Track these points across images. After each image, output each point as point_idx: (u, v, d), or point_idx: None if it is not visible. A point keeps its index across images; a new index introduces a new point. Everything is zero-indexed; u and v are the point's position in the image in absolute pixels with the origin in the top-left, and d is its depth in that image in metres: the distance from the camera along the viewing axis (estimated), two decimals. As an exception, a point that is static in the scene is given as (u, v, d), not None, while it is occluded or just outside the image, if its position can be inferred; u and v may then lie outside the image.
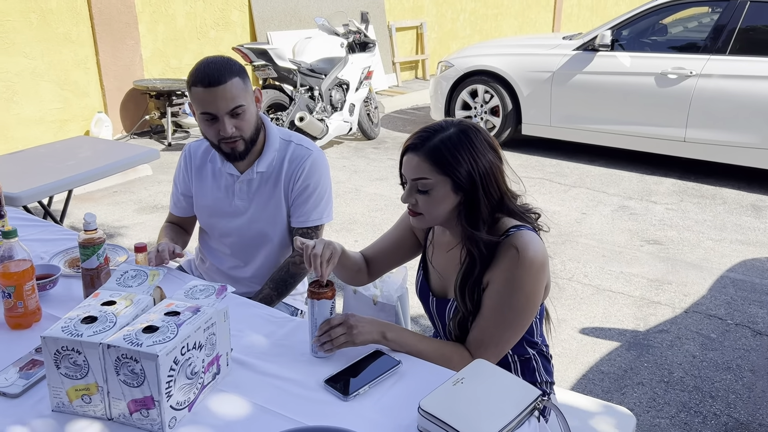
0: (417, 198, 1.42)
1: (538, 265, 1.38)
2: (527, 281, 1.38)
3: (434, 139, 1.38)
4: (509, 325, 1.41)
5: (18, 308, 1.48)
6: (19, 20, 5.05)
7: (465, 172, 1.37)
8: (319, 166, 1.91)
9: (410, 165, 1.40)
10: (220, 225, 1.98)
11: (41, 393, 1.26)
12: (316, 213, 1.91)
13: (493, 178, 1.40)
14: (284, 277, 1.90)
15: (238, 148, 1.78)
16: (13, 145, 5.11)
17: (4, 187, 2.52)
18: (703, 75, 4.98)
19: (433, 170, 1.37)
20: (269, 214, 1.92)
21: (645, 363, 2.74)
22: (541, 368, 1.57)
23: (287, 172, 1.88)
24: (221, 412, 1.23)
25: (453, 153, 1.36)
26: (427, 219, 1.44)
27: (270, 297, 1.88)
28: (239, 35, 6.85)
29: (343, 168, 5.47)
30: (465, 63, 6.06)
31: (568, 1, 12.50)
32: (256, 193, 1.91)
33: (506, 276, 1.38)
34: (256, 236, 1.95)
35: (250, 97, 1.77)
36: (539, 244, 1.40)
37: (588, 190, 4.97)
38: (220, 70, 1.69)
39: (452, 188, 1.38)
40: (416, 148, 1.39)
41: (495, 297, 1.40)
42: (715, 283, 3.47)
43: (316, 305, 1.38)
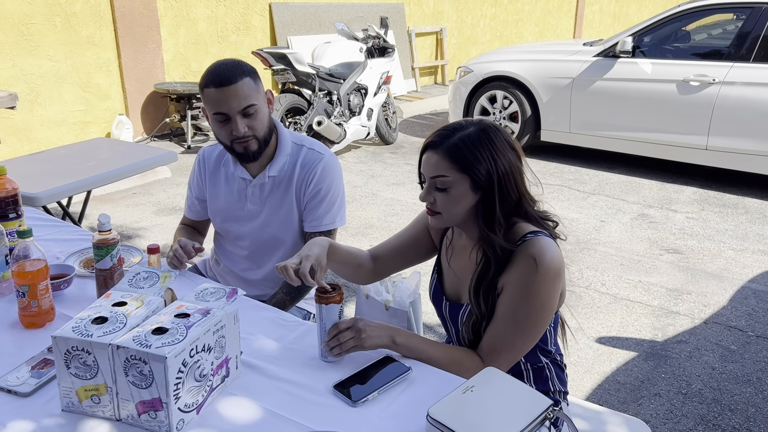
0: (435, 196, 1.41)
1: (554, 273, 1.36)
2: (542, 288, 1.36)
3: (454, 137, 1.38)
4: (523, 331, 1.39)
5: (32, 307, 1.49)
6: (44, 23, 5.13)
7: (484, 171, 1.36)
8: (331, 170, 1.90)
9: (429, 163, 1.40)
10: (234, 229, 1.98)
11: (52, 392, 1.27)
12: (328, 217, 1.91)
13: (512, 178, 1.39)
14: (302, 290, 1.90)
15: (251, 148, 1.78)
16: (36, 146, 5.19)
17: (25, 188, 2.55)
18: (726, 82, 4.90)
19: (452, 168, 1.37)
20: (281, 218, 1.91)
21: (662, 374, 2.70)
22: (555, 377, 1.55)
23: (299, 176, 1.88)
24: (229, 415, 1.23)
25: (472, 151, 1.36)
26: (445, 218, 1.42)
27: (283, 301, 1.88)
28: (260, 39, 6.90)
29: (360, 172, 5.47)
30: (484, 68, 6.04)
31: (589, 7, 12.42)
32: (269, 197, 1.91)
33: (521, 282, 1.36)
34: (268, 240, 1.95)
35: (262, 97, 1.78)
36: (556, 251, 1.38)
37: (607, 198, 4.91)
38: (231, 70, 1.71)
39: (471, 186, 1.37)
40: (436, 146, 1.39)
41: (510, 303, 1.38)
42: (736, 294, 3.41)
43: (324, 310, 1.37)
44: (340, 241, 3.67)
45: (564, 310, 1.55)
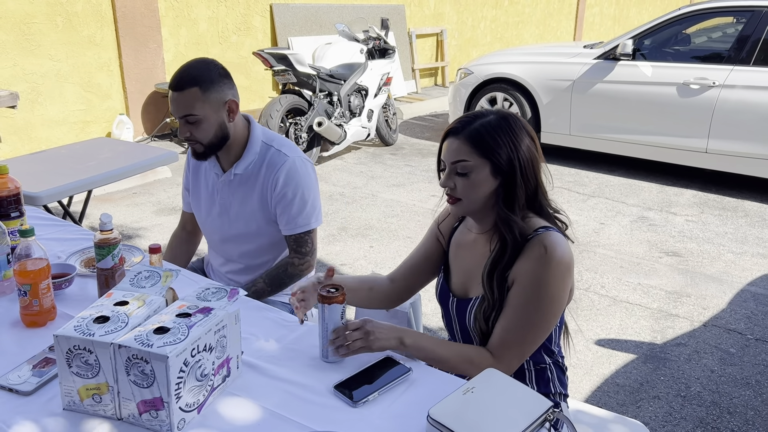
0: (456, 181, 1.43)
1: (565, 267, 1.38)
2: (553, 282, 1.37)
3: (475, 123, 1.41)
4: (533, 325, 1.40)
5: (33, 306, 1.49)
6: (45, 23, 5.14)
7: (505, 156, 1.39)
8: (296, 172, 1.91)
9: (450, 148, 1.42)
10: (208, 223, 2.06)
11: (53, 391, 1.27)
12: (302, 218, 1.93)
13: (531, 165, 1.42)
14: (280, 275, 1.95)
15: (197, 150, 1.87)
16: (37, 145, 5.19)
17: (26, 187, 2.55)
18: (726, 86, 4.91)
19: (473, 153, 1.39)
20: (247, 214, 1.96)
21: (662, 376, 2.70)
22: (556, 379, 1.56)
23: (264, 176, 1.92)
24: (230, 415, 1.23)
25: (493, 136, 1.39)
26: (465, 204, 1.44)
27: (263, 291, 1.93)
28: (260, 40, 6.90)
29: (360, 174, 5.47)
30: (484, 70, 6.05)
31: (590, 9, 12.43)
32: (236, 193, 1.96)
33: (532, 275, 1.38)
34: (237, 236, 2.00)
35: (210, 107, 1.79)
36: (567, 247, 1.40)
37: (607, 200, 4.92)
38: (183, 77, 1.77)
39: (491, 172, 1.40)
40: (457, 132, 1.42)
41: (520, 296, 1.39)
42: (735, 297, 3.41)
43: (327, 309, 1.38)
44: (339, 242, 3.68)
45: (565, 313, 1.55)
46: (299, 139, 5.20)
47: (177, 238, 2.24)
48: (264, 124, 4.95)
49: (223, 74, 1.83)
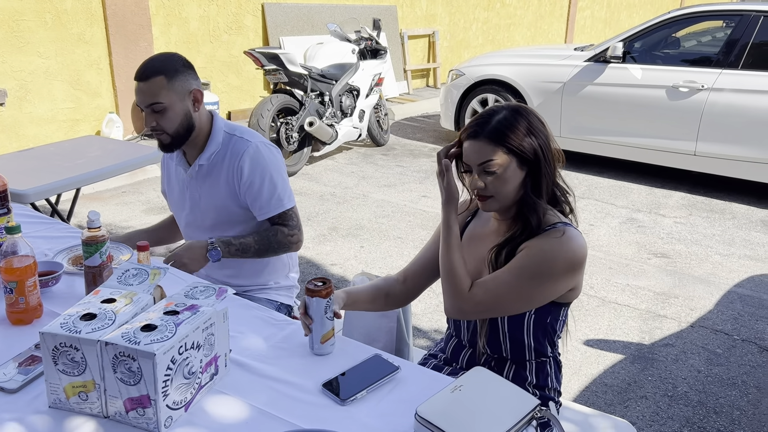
0: (485, 181, 1.44)
1: (575, 259, 1.40)
2: (559, 265, 1.40)
3: (492, 122, 1.44)
4: (520, 292, 1.41)
5: (19, 304, 1.48)
6: (34, 20, 5.10)
7: (528, 146, 1.42)
8: (260, 156, 1.92)
9: (474, 150, 1.44)
10: (182, 217, 2.08)
11: (39, 389, 1.26)
12: (274, 200, 1.93)
13: (550, 151, 1.45)
14: (270, 237, 1.93)
15: (163, 141, 1.88)
16: (25, 143, 5.16)
17: (13, 184, 2.53)
18: (715, 89, 4.95)
19: (498, 150, 1.41)
20: (217, 205, 1.97)
21: (649, 377, 2.72)
22: (554, 375, 1.57)
23: (228, 164, 1.93)
24: (218, 413, 1.23)
25: (513, 131, 1.42)
26: (498, 199, 1.46)
27: (249, 247, 1.90)
28: (252, 39, 6.89)
29: (352, 174, 5.47)
30: (476, 72, 6.06)
31: (581, 12, 12.50)
32: (203, 185, 1.97)
33: (544, 248, 1.41)
34: (211, 227, 2.01)
35: (176, 96, 1.83)
36: (584, 243, 1.43)
37: (596, 202, 4.94)
38: (148, 67, 1.81)
39: (518, 164, 1.43)
40: (477, 135, 1.44)
41: (525, 260, 1.42)
42: (722, 298, 3.44)
43: (312, 302, 1.39)
44: (329, 242, 3.68)
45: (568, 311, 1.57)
46: (290, 139, 5.19)
47: (168, 220, 2.28)
48: (255, 123, 4.94)
49: (187, 65, 1.87)
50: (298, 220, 1.98)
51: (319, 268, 3.62)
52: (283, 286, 2.12)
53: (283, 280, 2.12)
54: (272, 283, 2.09)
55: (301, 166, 5.41)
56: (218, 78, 6.61)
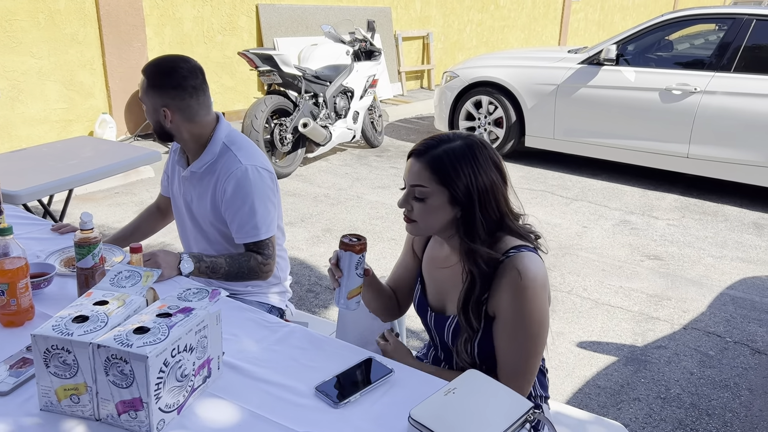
0: (413, 204, 1.41)
1: (540, 287, 1.37)
2: (535, 307, 1.36)
3: (438, 148, 1.38)
4: (530, 352, 1.39)
5: (11, 306, 1.47)
6: (27, 20, 5.07)
7: (463, 186, 1.35)
8: (247, 181, 1.88)
9: (411, 170, 1.40)
10: (178, 215, 2.12)
11: (30, 391, 1.25)
12: (250, 228, 1.90)
13: (492, 198, 1.38)
14: (242, 262, 1.90)
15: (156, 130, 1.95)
16: (17, 144, 5.13)
17: (5, 185, 2.52)
18: (708, 92, 4.98)
19: (432, 179, 1.37)
20: (203, 211, 1.98)
21: (642, 379, 2.73)
22: (536, 382, 1.56)
23: (218, 178, 1.92)
24: (210, 416, 1.22)
25: (454, 165, 1.35)
26: (421, 227, 1.43)
27: (219, 267, 1.87)
28: (246, 40, 6.88)
29: (346, 175, 5.47)
30: (470, 74, 6.07)
31: (575, 15, 12.55)
32: (195, 189, 1.99)
33: (513, 307, 1.36)
34: (199, 231, 2.04)
35: (149, 101, 1.89)
36: (539, 265, 1.38)
37: (590, 204, 4.96)
38: (149, 65, 1.88)
39: (449, 200, 1.37)
40: (420, 155, 1.39)
41: (509, 330, 1.38)
42: (714, 301, 3.46)
43: (344, 256, 1.42)
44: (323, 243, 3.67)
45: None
46: (284, 140, 5.18)
47: (148, 211, 2.30)
48: (248, 124, 4.93)
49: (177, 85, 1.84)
50: (274, 249, 1.96)
51: (312, 270, 3.62)
52: (276, 291, 2.12)
53: (276, 287, 2.12)
54: (265, 285, 2.08)
55: (295, 167, 5.40)
56: (212, 79, 6.60)
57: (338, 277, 1.43)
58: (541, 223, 4.47)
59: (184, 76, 1.85)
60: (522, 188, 5.27)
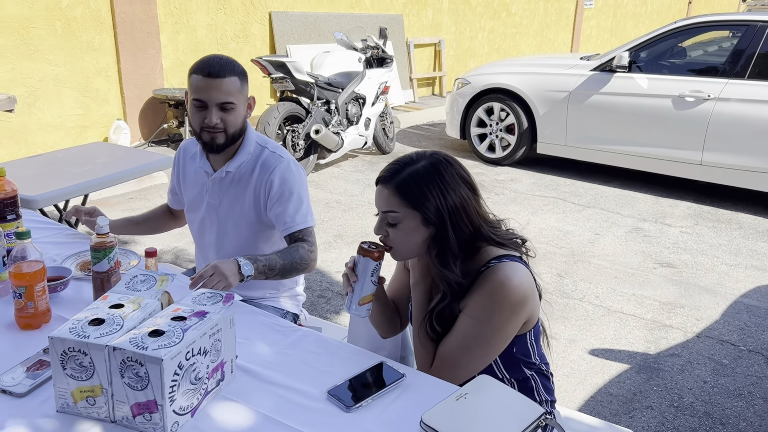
0: (388, 230, 1.42)
1: (515, 300, 1.36)
2: (499, 316, 1.36)
3: (403, 172, 1.38)
4: (471, 352, 1.39)
5: (28, 309, 1.49)
6: (44, 28, 5.15)
7: (433, 207, 1.36)
8: (291, 173, 1.91)
9: (380, 197, 1.41)
10: (196, 221, 2.06)
11: (47, 393, 1.27)
12: (299, 216, 1.91)
13: (464, 213, 1.38)
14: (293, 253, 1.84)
15: (217, 140, 1.85)
16: (33, 150, 5.19)
17: (23, 190, 2.55)
18: (721, 99, 4.95)
19: (401, 203, 1.37)
20: (237, 214, 1.96)
21: (655, 387, 2.71)
22: (540, 387, 1.55)
23: (258, 176, 1.92)
24: (223, 419, 1.24)
25: (420, 187, 1.36)
26: (399, 251, 1.43)
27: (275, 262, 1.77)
28: (259, 48, 6.93)
29: (357, 181, 5.49)
30: (482, 80, 6.08)
31: (587, 22, 12.53)
32: (226, 192, 1.96)
33: (479, 305, 1.37)
34: (225, 236, 2.00)
35: (243, 98, 1.86)
36: (521, 277, 1.37)
37: (602, 211, 4.94)
38: (222, 66, 1.80)
39: (422, 222, 1.38)
40: (386, 181, 1.40)
41: (464, 321, 1.39)
42: (728, 309, 3.43)
43: (361, 262, 1.41)
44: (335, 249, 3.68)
45: (543, 319, 1.55)
46: (296, 147, 5.21)
47: (161, 208, 2.30)
48: (261, 131, 4.96)
49: (246, 73, 1.90)
50: (316, 239, 1.96)
51: (324, 276, 3.63)
52: (290, 295, 2.13)
53: (289, 291, 2.13)
54: (279, 292, 2.09)
55: (307, 173, 5.43)
56: (225, 86, 6.64)
57: (353, 281, 1.43)
58: (553, 230, 4.46)
59: None
60: (534, 195, 5.26)
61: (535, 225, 4.57)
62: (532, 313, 1.44)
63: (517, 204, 5.03)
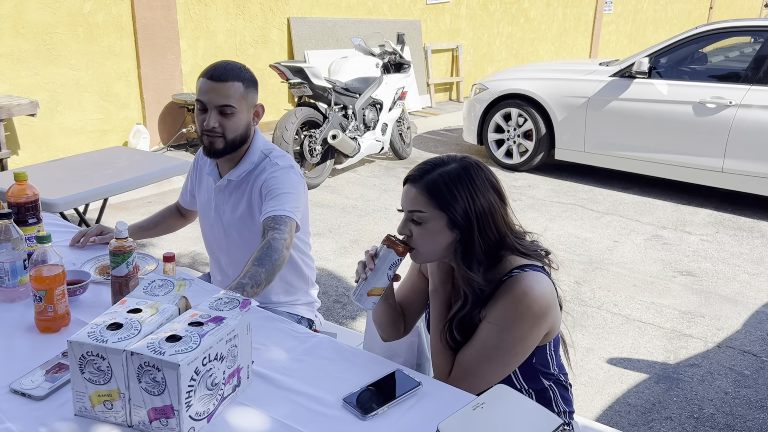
0: (412, 230, 1.40)
1: (538, 311, 1.35)
2: (520, 326, 1.35)
3: (434, 172, 1.38)
4: (490, 362, 1.38)
5: (48, 312, 1.51)
6: (67, 33, 5.22)
7: (461, 210, 1.35)
8: (286, 175, 1.88)
9: (408, 196, 1.40)
10: (207, 227, 2.08)
11: (65, 396, 1.28)
12: (280, 206, 1.79)
13: (491, 219, 1.37)
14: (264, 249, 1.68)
15: (216, 145, 1.85)
16: (54, 153, 5.26)
17: (43, 194, 2.58)
18: (743, 105, 4.89)
19: (429, 204, 1.36)
20: (238, 221, 1.96)
21: (674, 397, 2.67)
22: (559, 398, 1.54)
23: (254, 183, 1.92)
24: (239, 424, 1.23)
25: (450, 189, 1.35)
26: (422, 253, 1.41)
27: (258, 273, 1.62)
28: (277, 53, 6.97)
29: (374, 187, 5.49)
30: (499, 86, 6.06)
31: (606, 27, 12.44)
32: (229, 199, 1.97)
33: (501, 315, 1.36)
34: (231, 242, 2.01)
35: (246, 105, 1.85)
36: (544, 288, 1.36)
37: (621, 218, 4.89)
38: (227, 71, 1.81)
39: (447, 224, 1.37)
40: (415, 180, 1.39)
41: (484, 331, 1.38)
42: (750, 318, 3.37)
43: (384, 252, 1.39)
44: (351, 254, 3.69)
45: (564, 329, 1.54)
46: (313, 152, 5.23)
47: (169, 209, 2.33)
48: (279, 136, 4.98)
49: (255, 80, 1.91)
50: (292, 231, 1.80)
51: (340, 281, 3.63)
52: (305, 301, 2.13)
53: (303, 297, 2.12)
54: (294, 298, 2.09)
55: (324, 178, 5.44)
56: (243, 91, 6.69)
57: (369, 269, 1.41)
58: (571, 237, 4.42)
59: None
60: (551, 201, 5.23)
61: (552, 232, 4.53)
62: (554, 324, 1.43)
63: (535, 210, 5.00)
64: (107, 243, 2.02)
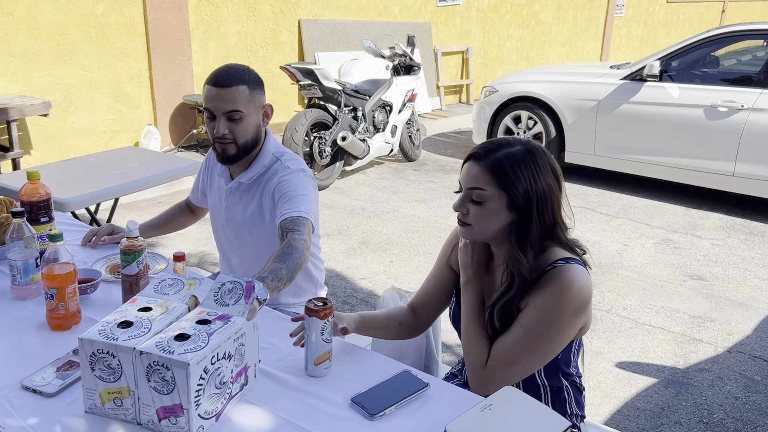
0: (469, 207, 1.40)
1: (580, 303, 1.35)
2: (564, 315, 1.35)
3: (499, 152, 1.38)
4: (531, 350, 1.38)
5: (59, 310, 1.52)
6: (79, 34, 5.26)
7: (523, 191, 1.36)
8: (297, 178, 1.88)
9: (469, 174, 1.40)
10: (218, 227, 2.09)
11: (76, 394, 1.29)
12: (295, 207, 1.79)
13: (549, 203, 1.39)
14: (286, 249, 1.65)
15: (228, 151, 1.85)
16: (66, 153, 5.30)
17: (55, 193, 2.60)
18: (755, 109, 4.85)
19: (492, 182, 1.37)
20: (249, 223, 1.97)
21: (683, 402, 2.65)
22: (573, 400, 1.54)
23: (267, 182, 1.92)
24: (247, 423, 1.24)
25: (515, 169, 1.36)
26: (476, 231, 1.41)
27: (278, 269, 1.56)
28: (288, 55, 6.99)
29: (383, 188, 5.49)
30: (509, 89, 6.05)
31: (617, 30, 12.40)
32: (240, 201, 1.98)
33: (545, 303, 1.36)
34: (243, 243, 2.02)
35: (253, 107, 1.85)
36: (586, 281, 1.37)
37: (631, 222, 4.87)
38: (231, 75, 1.80)
39: (507, 205, 1.37)
40: (479, 158, 1.39)
41: (527, 319, 1.38)
42: (761, 323, 3.35)
43: (309, 322, 1.36)
44: (359, 256, 3.69)
45: (583, 335, 1.54)
46: (323, 153, 5.24)
47: (179, 206, 2.34)
48: (289, 137, 5.00)
49: (261, 80, 1.91)
50: (310, 233, 1.81)
51: (348, 282, 3.63)
52: None
53: (312, 297, 2.12)
54: (302, 301, 2.09)
55: (333, 180, 5.45)
56: (254, 92, 6.71)
57: (301, 345, 1.41)
58: (581, 240, 4.40)
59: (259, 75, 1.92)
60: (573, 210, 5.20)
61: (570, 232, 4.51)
62: (588, 320, 1.44)
63: (544, 213, 4.98)
64: (118, 242, 2.04)
